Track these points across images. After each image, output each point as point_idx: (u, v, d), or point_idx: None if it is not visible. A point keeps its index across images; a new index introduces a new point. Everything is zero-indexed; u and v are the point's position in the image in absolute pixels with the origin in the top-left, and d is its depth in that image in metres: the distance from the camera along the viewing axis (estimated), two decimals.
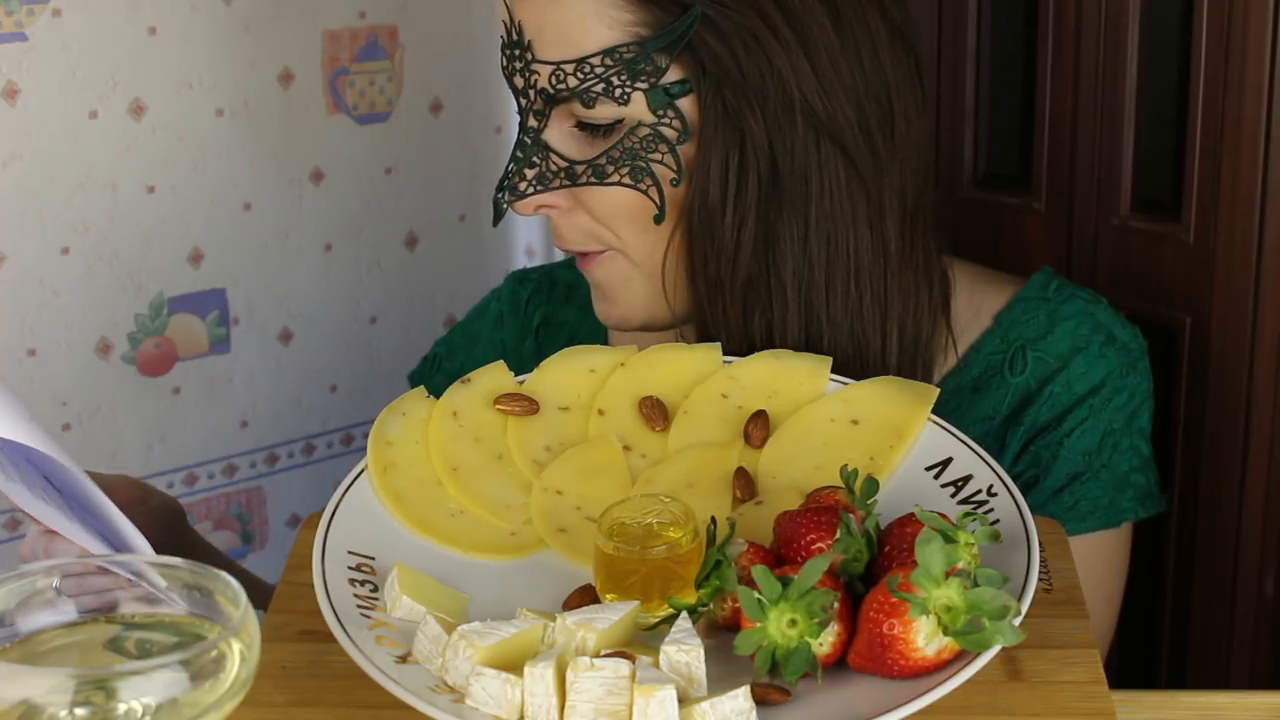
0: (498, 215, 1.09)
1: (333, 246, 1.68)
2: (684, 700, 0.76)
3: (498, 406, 1.00)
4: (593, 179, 1.06)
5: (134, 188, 1.54)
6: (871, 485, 0.88)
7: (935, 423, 0.97)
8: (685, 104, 1.05)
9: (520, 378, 1.03)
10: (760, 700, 0.78)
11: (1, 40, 1.44)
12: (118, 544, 0.92)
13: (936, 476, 0.95)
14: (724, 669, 0.80)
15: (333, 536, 0.90)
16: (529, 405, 1.00)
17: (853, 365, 1.06)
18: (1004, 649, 0.81)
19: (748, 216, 1.05)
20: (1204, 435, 1.26)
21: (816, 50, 1.03)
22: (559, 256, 1.79)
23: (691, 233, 1.06)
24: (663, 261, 1.08)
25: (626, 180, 1.05)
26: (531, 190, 1.07)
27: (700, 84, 1.04)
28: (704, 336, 1.09)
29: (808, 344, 1.06)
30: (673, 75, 1.04)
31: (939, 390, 0.99)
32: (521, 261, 1.82)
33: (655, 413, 1.00)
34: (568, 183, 1.07)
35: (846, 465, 0.88)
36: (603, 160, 1.05)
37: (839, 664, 0.81)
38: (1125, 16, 1.26)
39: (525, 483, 0.97)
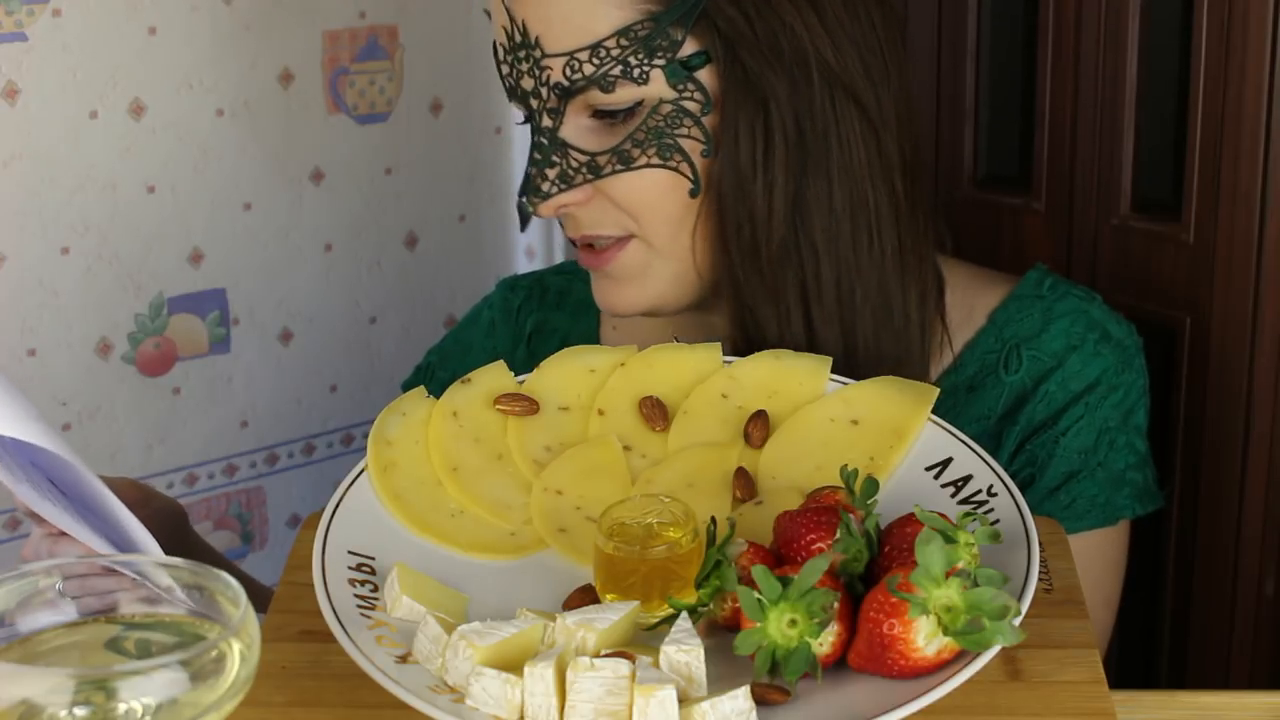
0: (524, 220, 1.08)
1: (333, 246, 1.68)
2: (684, 700, 0.76)
3: (498, 406, 1.00)
4: (619, 166, 1.05)
5: (134, 188, 1.54)
6: (871, 485, 0.87)
7: (935, 423, 0.97)
8: (704, 75, 1.04)
9: (520, 378, 1.03)
10: (760, 700, 0.78)
11: (1, 40, 1.44)
12: (124, 544, 0.92)
13: (936, 476, 0.95)
14: (724, 669, 0.80)
15: (333, 536, 0.90)
16: (529, 405, 1.00)
17: (880, 315, 1.07)
18: (1004, 649, 0.81)
19: (777, 179, 1.05)
20: (1204, 435, 1.26)
21: (822, 3, 1.04)
22: (559, 258, 1.79)
23: (723, 202, 1.06)
24: (692, 237, 1.08)
25: (655, 160, 1.05)
26: (555, 190, 1.07)
27: (717, 52, 1.04)
28: (733, 307, 1.08)
29: (839, 301, 1.07)
30: (689, 48, 1.04)
31: (939, 390, 0.99)
32: (522, 262, 1.81)
33: (655, 413, 1.00)
34: (591, 177, 1.06)
35: (846, 465, 0.88)
36: (627, 145, 1.05)
37: (839, 664, 0.81)
38: (1125, 16, 1.26)
39: (525, 483, 0.97)
